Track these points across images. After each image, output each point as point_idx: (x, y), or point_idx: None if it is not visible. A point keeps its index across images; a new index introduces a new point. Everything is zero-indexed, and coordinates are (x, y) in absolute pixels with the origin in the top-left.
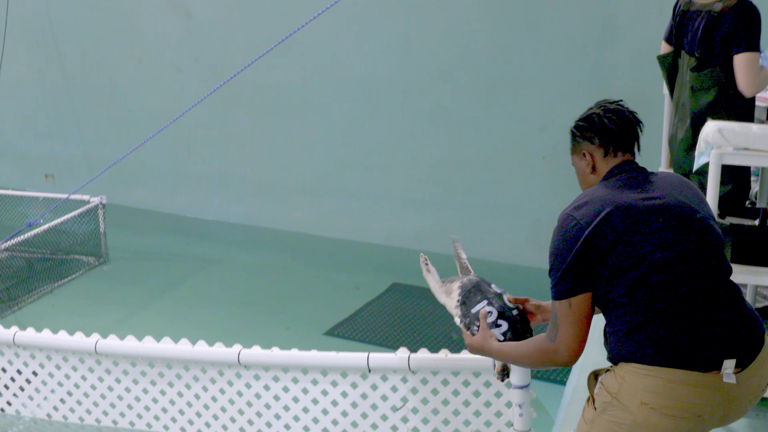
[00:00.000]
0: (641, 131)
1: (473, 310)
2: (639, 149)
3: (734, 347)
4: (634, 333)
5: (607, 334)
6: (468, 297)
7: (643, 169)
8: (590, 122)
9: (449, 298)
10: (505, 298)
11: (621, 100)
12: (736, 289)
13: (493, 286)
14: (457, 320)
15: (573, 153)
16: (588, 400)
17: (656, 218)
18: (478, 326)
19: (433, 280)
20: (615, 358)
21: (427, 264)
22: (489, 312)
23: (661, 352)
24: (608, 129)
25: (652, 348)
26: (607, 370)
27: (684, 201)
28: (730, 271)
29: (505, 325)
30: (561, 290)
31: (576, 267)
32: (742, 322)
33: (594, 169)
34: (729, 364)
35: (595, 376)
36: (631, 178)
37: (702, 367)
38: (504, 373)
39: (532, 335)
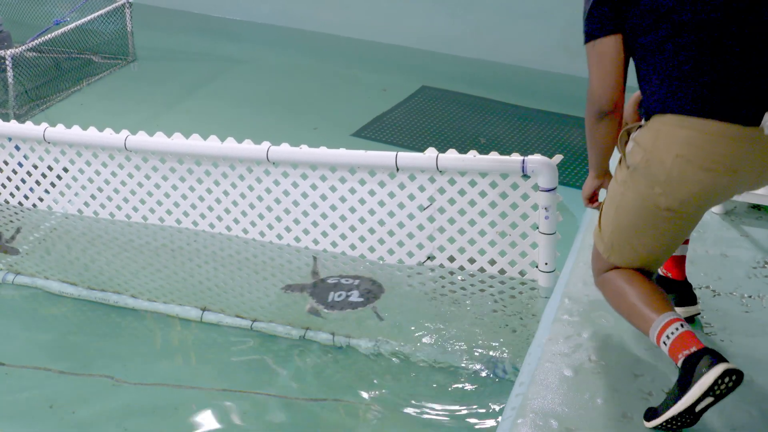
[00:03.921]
0: None
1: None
2: None
3: None
4: (671, 81)
5: (641, 83)
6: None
7: None
8: None
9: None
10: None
11: None
12: None
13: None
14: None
15: None
16: (620, 161)
17: None
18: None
19: None
20: (650, 109)
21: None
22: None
23: (700, 102)
24: None
25: (690, 98)
26: (640, 126)
27: None
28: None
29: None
30: (586, 32)
31: (600, 8)
32: None
33: None
34: None
35: (627, 133)
36: None
37: (742, 120)
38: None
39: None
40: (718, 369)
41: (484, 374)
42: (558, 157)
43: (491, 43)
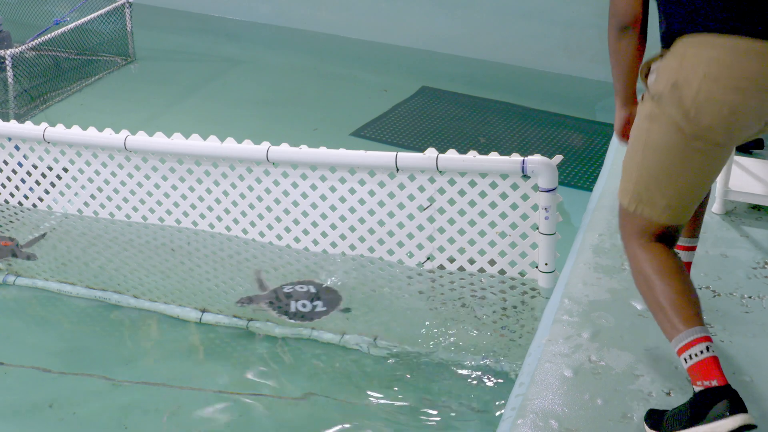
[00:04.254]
0: None
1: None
2: None
3: None
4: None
5: (661, 7)
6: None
7: None
8: None
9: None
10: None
11: None
12: None
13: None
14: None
15: None
16: (642, 96)
17: None
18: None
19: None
20: (672, 33)
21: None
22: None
23: (728, 19)
24: None
25: (717, 15)
26: (662, 56)
27: None
28: None
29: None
30: None
31: None
32: None
33: None
34: None
35: (648, 66)
36: None
37: None
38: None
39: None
40: (736, 421)
41: (482, 374)
42: (558, 158)
43: (491, 43)
